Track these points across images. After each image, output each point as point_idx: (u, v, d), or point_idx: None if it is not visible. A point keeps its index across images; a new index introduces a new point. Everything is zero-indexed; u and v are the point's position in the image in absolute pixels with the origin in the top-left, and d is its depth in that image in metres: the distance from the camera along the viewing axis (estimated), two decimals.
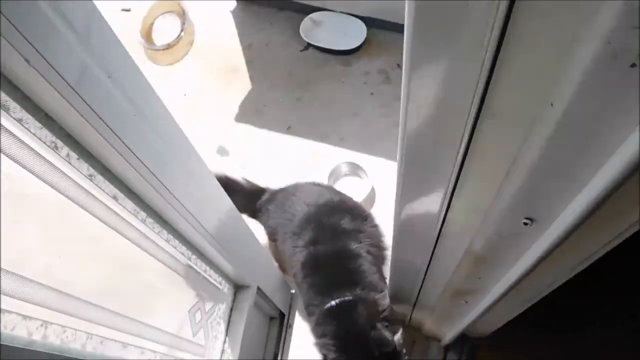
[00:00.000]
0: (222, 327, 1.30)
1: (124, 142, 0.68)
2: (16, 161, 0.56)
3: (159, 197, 0.81)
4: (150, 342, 0.90)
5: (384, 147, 2.43)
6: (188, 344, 1.09)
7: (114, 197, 0.74)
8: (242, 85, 2.68)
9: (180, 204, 0.86)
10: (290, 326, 1.95)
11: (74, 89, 0.57)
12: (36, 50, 0.51)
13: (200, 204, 0.96)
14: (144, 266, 0.87)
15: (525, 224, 0.77)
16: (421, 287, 1.41)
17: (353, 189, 2.31)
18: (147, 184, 0.76)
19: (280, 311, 1.86)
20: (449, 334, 1.67)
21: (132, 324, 0.83)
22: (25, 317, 0.58)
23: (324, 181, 2.29)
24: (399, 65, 2.60)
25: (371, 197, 2.31)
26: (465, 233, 0.95)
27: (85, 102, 0.59)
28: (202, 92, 2.70)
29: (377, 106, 2.55)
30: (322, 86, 2.64)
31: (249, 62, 2.73)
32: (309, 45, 2.69)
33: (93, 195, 0.69)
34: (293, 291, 2.01)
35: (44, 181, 0.60)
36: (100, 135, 0.63)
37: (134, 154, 0.71)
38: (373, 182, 2.30)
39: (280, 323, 1.89)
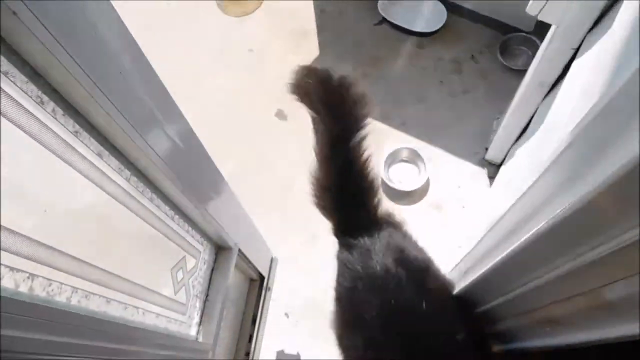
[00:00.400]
0: (203, 287, 1.36)
1: (109, 99, 0.71)
2: (2, 114, 0.58)
3: (143, 155, 0.85)
4: (132, 298, 0.95)
5: (445, 138, 2.43)
6: (169, 302, 1.14)
7: (99, 155, 0.78)
8: (309, 50, 2.70)
9: (164, 163, 0.90)
10: (269, 289, 2.02)
11: (60, 43, 0.60)
12: (23, 2, 0.54)
13: (184, 164, 1.01)
14: (128, 224, 0.91)
15: None
16: (502, 302, 1.34)
17: (408, 177, 2.37)
18: (132, 142, 0.80)
19: (260, 274, 1.93)
20: (501, 347, 1.59)
21: (115, 280, 0.88)
22: (12, 269, 0.61)
23: (381, 162, 2.33)
24: (473, 57, 2.53)
25: (425, 187, 2.33)
26: (607, 277, 0.87)
27: (72, 56, 0.62)
28: (268, 51, 2.75)
29: (444, 95, 2.52)
30: (391, 65, 2.62)
31: (320, 28, 2.74)
32: (384, 20, 2.66)
33: (78, 152, 0.72)
34: (274, 255, 2.08)
35: (30, 135, 0.62)
36: (86, 91, 0.67)
37: (119, 112, 0.74)
38: (428, 173, 2.31)
39: (259, 285, 1.97)
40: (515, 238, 1.10)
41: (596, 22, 1.44)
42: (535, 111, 1.88)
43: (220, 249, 1.44)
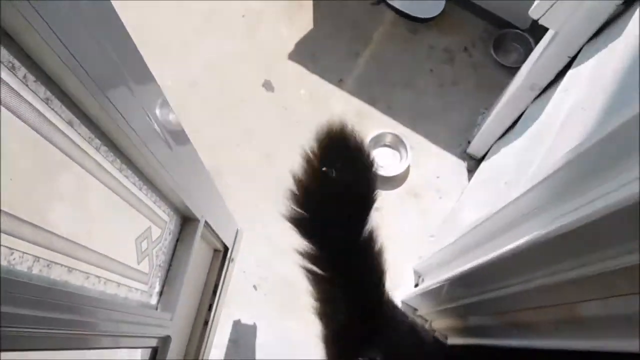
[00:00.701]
0: (167, 256, 1.34)
1: (83, 67, 0.68)
2: None
3: (114, 125, 0.82)
4: (95, 268, 0.93)
5: (429, 127, 2.42)
6: (132, 271, 1.12)
7: (70, 123, 0.75)
8: (303, 22, 2.63)
9: (135, 134, 0.88)
10: (232, 260, 2.01)
11: (34, 8, 0.57)
12: None
13: (154, 133, 0.98)
14: (95, 194, 0.89)
15: None
16: (475, 301, 1.35)
17: (389, 162, 2.36)
18: (104, 111, 0.78)
19: (225, 245, 1.91)
20: (466, 341, 1.61)
21: (79, 250, 0.86)
22: None
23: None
24: (466, 49, 2.50)
25: (405, 174, 2.34)
26: (584, 295, 0.88)
27: (46, 22, 0.59)
28: (261, 19, 2.67)
29: (433, 84, 2.50)
30: (383, 47, 2.58)
31: (316, 2, 2.67)
32: (381, 0, 2.61)
33: (48, 120, 0.70)
34: (239, 227, 2.07)
35: None
36: (59, 58, 0.64)
37: (93, 80, 0.71)
38: (410, 160, 2.31)
39: (223, 256, 1.94)
40: (496, 243, 1.11)
41: (596, 33, 1.42)
42: (524, 112, 1.86)
43: (186, 220, 1.41)
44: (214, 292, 1.91)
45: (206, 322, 1.87)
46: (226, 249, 1.94)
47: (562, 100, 1.36)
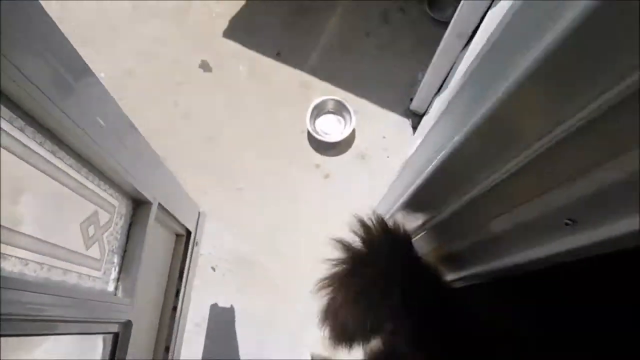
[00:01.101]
0: (121, 242, 1.34)
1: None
2: None
3: (37, 105, 0.82)
4: (33, 254, 0.92)
5: (372, 90, 2.47)
6: (80, 257, 1.11)
7: None
8: None
9: (64, 113, 0.88)
10: (197, 244, 2.03)
11: None
12: None
13: (88, 112, 0.98)
14: (24, 176, 0.87)
15: (567, 224, 0.77)
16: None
17: (334, 128, 2.41)
18: (23, 90, 0.77)
19: (187, 229, 1.93)
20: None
21: (10, 234, 0.84)
22: None
23: (307, 114, 2.36)
24: (402, 9, 2.56)
25: (350, 138, 2.39)
26: (492, 212, 0.95)
27: None
28: None
29: (371, 47, 2.55)
30: (319, 16, 2.62)
31: None
32: None
33: None
34: (201, 210, 2.09)
35: None
36: None
37: (10, 62, 0.72)
38: (354, 124, 2.36)
39: (186, 241, 1.96)
40: (417, 180, 1.17)
41: None
42: (455, 62, 1.94)
43: (138, 204, 1.42)
44: (180, 278, 1.93)
45: (175, 308, 1.89)
46: (189, 233, 1.95)
47: (480, 41, 1.44)
